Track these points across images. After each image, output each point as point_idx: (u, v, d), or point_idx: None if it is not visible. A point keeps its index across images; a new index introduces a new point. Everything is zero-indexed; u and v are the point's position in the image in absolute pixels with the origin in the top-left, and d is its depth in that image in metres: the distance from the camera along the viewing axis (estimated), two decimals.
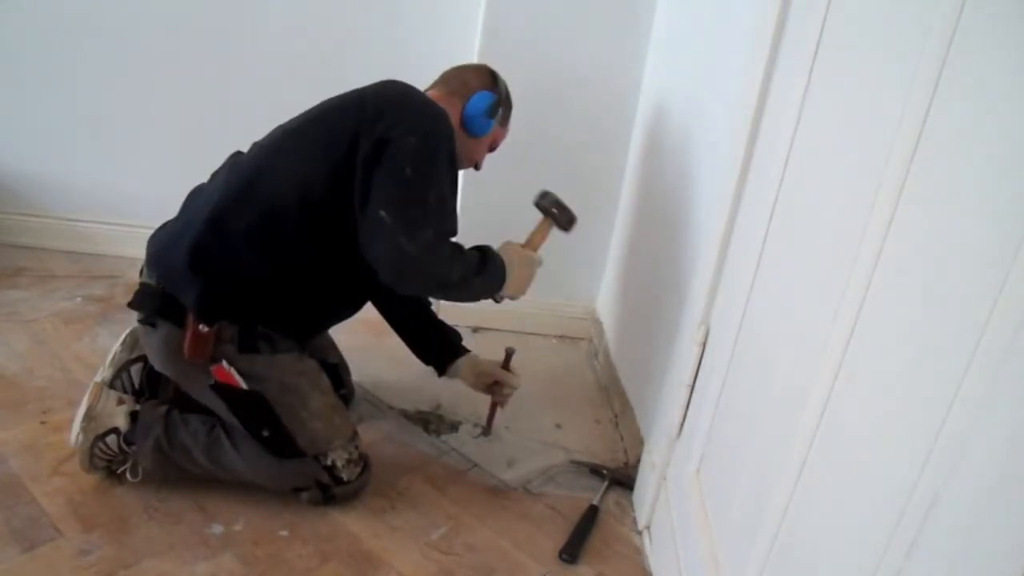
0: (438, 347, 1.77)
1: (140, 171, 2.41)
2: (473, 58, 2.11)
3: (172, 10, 2.25)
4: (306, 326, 1.52)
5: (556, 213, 1.60)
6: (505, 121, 1.66)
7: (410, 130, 1.33)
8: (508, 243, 1.54)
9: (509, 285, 1.50)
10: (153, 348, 1.42)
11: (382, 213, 1.30)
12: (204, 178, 1.51)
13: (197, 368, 1.37)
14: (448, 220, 1.42)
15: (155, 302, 1.38)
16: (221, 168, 1.50)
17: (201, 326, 1.33)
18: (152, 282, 1.39)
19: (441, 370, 1.76)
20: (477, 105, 1.56)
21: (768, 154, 1.13)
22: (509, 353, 1.73)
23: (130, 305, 1.42)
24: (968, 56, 0.66)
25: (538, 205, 1.62)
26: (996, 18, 0.64)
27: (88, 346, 1.92)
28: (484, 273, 1.45)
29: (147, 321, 1.40)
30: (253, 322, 1.38)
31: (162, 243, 1.42)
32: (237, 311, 1.37)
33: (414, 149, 1.32)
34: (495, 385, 1.72)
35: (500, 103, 1.59)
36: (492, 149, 1.70)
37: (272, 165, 1.39)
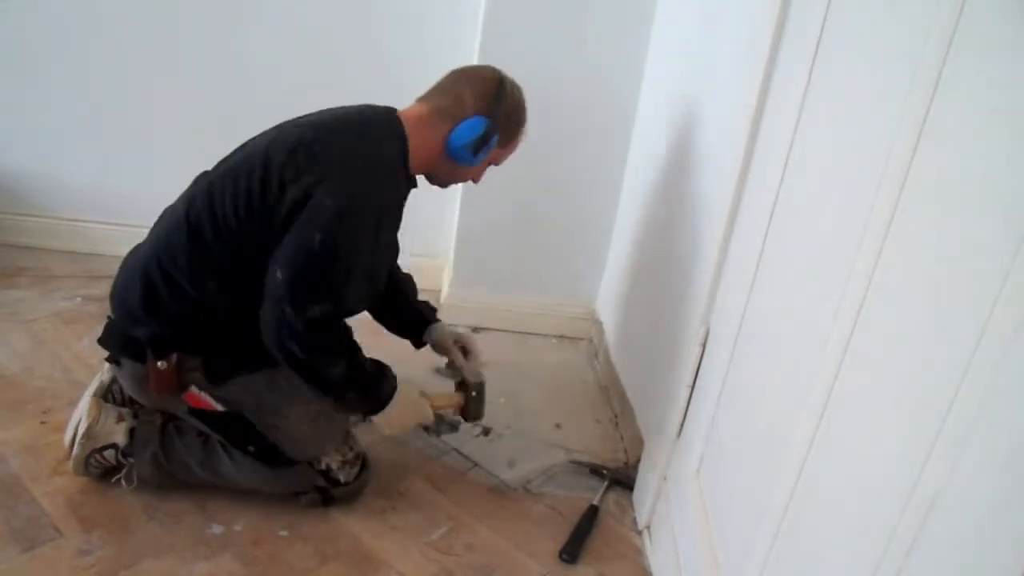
0: (413, 319, 1.69)
1: (140, 171, 2.41)
2: (473, 58, 2.11)
3: (172, 11, 2.25)
4: (268, 356, 1.38)
5: (473, 398, 1.52)
6: (509, 140, 1.49)
7: (333, 191, 1.24)
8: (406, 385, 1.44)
9: (384, 418, 1.40)
10: (124, 383, 1.43)
11: (279, 274, 1.24)
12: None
13: (170, 398, 1.37)
14: (348, 299, 1.31)
15: (118, 340, 1.38)
16: (184, 193, 1.44)
17: (160, 363, 1.32)
18: (113, 317, 1.40)
19: (418, 341, 1.68)
20: (462, 136, 1.39)
21: (768, 154, 1.13)
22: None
23: (99, 342, 1.42)
24: (968, 56, 0.66)
25: (463, 381, 1.54)
26: (996, 17, 0.64)
27: (88, 346, 1.92)
28: (367, 393, 1.36)
29: (112, 360, 1.41)
30: (214, 353, 1.35)
31: (124, 276, 1.40)
32: (194, 345, 1.34)
33: (330, 216, 1.23)
34: (452, 364, 1.65)
35: (494, 130, 1.42)
36: (496, 164, 1.55)
37: (211, 206, 1.32)
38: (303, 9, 2.25)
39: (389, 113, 1.41)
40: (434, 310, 1.73)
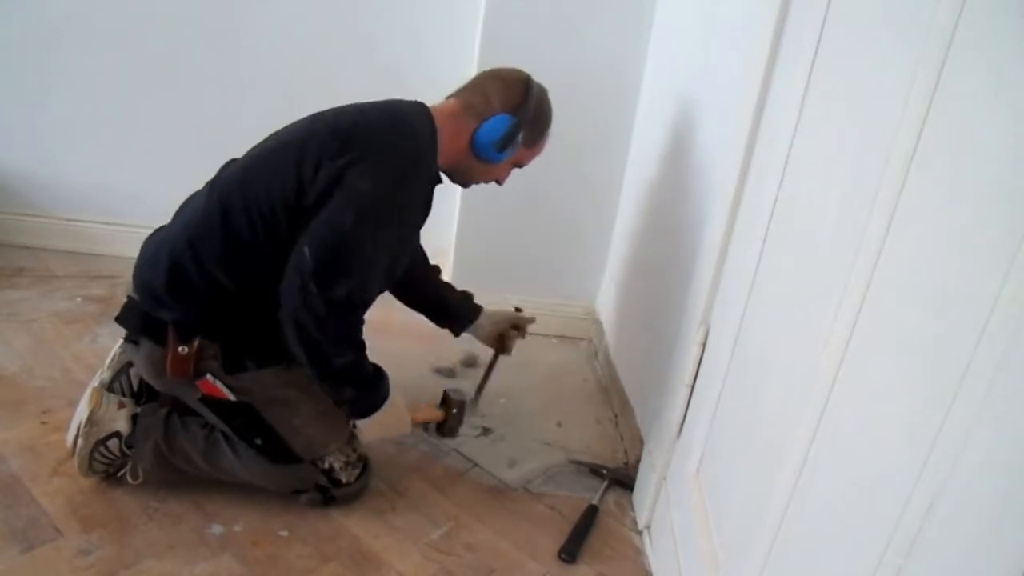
0: (456, 310, 1.78)
1: (140, 171, 2.41)
2: (473, 59, 2.11)
3: (172, 10, 2.25)
4: (285, 350, 1.40)
5: (453, 416, 1.59)
6: (535, 141, 1.52)
7: (367, 173, 1.26)
8: (396, 394, 1.45)
9: (369, 423, 1.41)
10: (139, 364, 1.44)
11: (306, 250, 1.25)
12: (204, 178, 1.50)
13: (183, 383, 1.37)
14: (372, 283, 1.33)
15: (137, 320, 1.39)
16: (212, 179, 1.46)
17: (181, 348, 1.33)
18: (135, 298, 1.40)
19: (458, 331, 1.78)
20: (489, 134, 1.42)
21: (768, 154, 1.13)
22: (518, 309, 1.83)
23: (117, 320, 1.42)
24: (968, 55, 0.66)
25: (446, 397, 1.60)
26: (997, 18, 0.64)
27: (88, 346, 1.92)
28: (364, 391, 1.38)
29: (130, 339, 1.42)
30: (234, 341, 1.37)
31: (147, 258, 1.41)
32: (217, 331, 1.36)
33: (363, 195, 1.25)
34: (505, 335, 1.77)
35: (519, 129, 1.44)
36: (520, 166, 1.57)
37: (243, 190, 1.34)
38: (302, 8, 2.25)
39: (421, 106, 1.44)
40: (477, 306, 1.80)
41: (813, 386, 0.85)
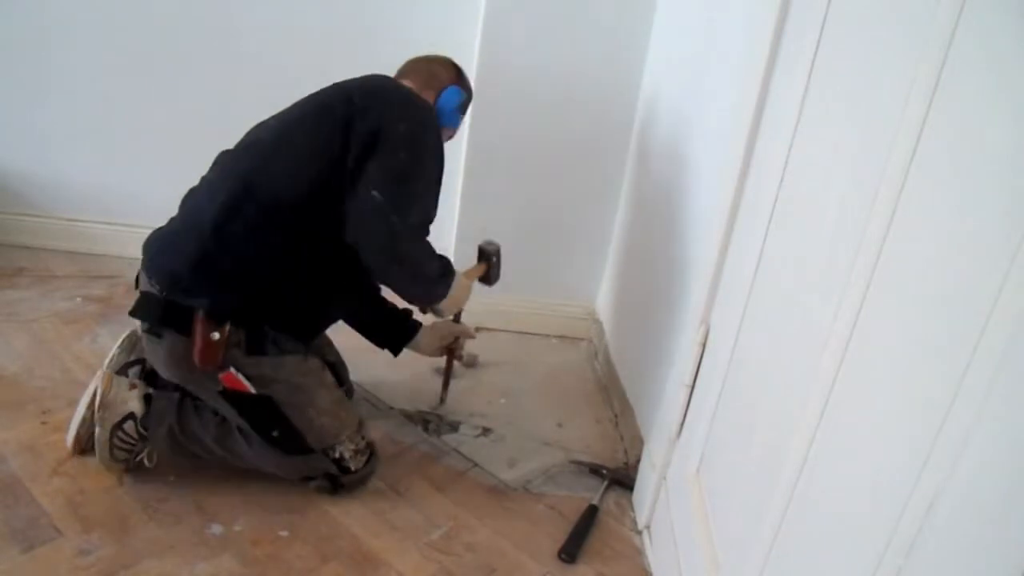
0: (394, 329, 1.79)
1: (140, 171, 2.41)
2: (473, 59, 2.11)
3: (172, 10, 2.25)
4: (312, 323, 1.52)
5: (494, 264, 1.73)
6: (466, 112, 1.71)
7: (399, 118, 1.38)
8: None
9: (447, 302, 1.54)
10: (158, 358, 1.41)
11: (374, 192, 1.33)
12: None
13: (205, 375, 1.36)
14: (433, 207, 1.47)
15: (158, 311, 1.36)
16: (211, 170, 1.48)
17: (213, 333, 1.32)
18: (154, 291, 1.37)
19: (397, 351, 1.80)
20: (450, 100, 1.60)
21: (768, 154, 1.13)
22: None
23: (132, 314, 1.40)
24: (968, 55, 0.66)
25: (483, 250, 1.74)
26: (996, 16, 0.64)
27: (88, 346, 1.92)
28: (445, 279, 1.51)
29: (152, 331, 1.39)
30: (260, 324, 1.39)
31: (162, 249, 1.41)
32: (244, 314, 1.37)
33: (406, 134, 1.37)
34: (452, 345, 1.84)
35: (471, 96, 1.66)
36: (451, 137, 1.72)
37: (266, 167, 1.39)
38: (303, 9, 2.26)
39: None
40: (415, 323, 1.81)
41: (813, 386, 0.85)
